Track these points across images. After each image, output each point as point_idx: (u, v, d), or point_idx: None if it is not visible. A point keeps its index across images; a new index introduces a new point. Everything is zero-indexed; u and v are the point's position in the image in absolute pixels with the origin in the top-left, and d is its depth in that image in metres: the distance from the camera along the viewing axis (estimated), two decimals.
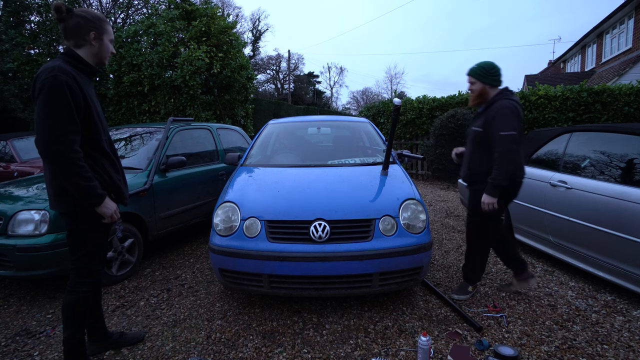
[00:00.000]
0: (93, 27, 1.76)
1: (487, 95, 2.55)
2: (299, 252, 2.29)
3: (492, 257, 3.63)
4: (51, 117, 1.58)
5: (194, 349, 2.20)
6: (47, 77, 1.59)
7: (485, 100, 2.57)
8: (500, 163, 2.36)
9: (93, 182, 1.70)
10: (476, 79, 2.54)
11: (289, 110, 23.70)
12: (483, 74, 2.52)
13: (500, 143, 2.34)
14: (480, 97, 2.58)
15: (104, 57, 1.85)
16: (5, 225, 2.73)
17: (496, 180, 2.37)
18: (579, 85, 7.33)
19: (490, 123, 2.41)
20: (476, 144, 2.56)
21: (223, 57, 8.45)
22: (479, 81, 2.53)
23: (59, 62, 1.67)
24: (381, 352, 2.12)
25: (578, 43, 17.55)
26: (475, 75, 2.54)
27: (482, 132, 2.48)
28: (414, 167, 8.98)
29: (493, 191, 2.40)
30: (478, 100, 2.60)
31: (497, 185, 2.38)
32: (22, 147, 6.35)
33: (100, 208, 1.75)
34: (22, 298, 2.94)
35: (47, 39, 9.35)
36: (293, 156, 3.64)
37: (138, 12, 13.65)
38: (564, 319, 2.47)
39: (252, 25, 36.92)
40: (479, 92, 2.56)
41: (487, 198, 2.42)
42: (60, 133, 1.59)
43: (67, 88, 1.61)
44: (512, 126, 2.33)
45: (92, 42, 1.77)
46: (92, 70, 1.82)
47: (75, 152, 1.64)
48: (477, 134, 2.54)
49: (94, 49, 1.79)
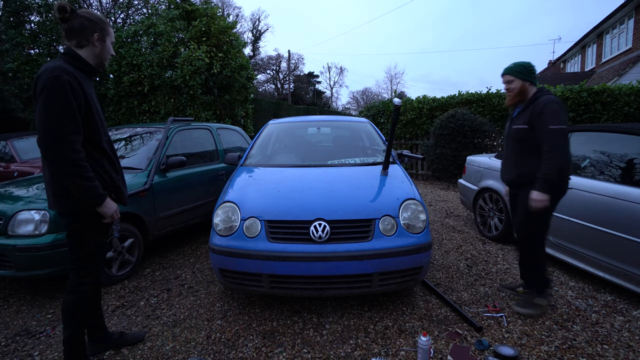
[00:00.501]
0: (97, 28, 1.78)
1: (526, 93, 2.47)
2: (299, 252, 2.29)
3: (492, 256, 3.63)
4: (52, 117, 1.59)
5: (194, 349, 2.20)
6: (49, 77, 1.59)
7: (525, 99, 2.48)
8: (550, 157, 2.26)
9: (94, 182, 1.70)
10: (515, 76, 2.46)
11: (289, 110, 23.70)
12: (523, 71, 2.45)
13: (551, 137, 2.25)
14: (520, 96, 2.48)
15: (105, 58, 1.86)
16: (5, 225, 2.73)
17: (548, 175, 2.25)
18: (579, 85, 7.33)
19: (538, 118, 2.31)
20: (521, 142, 2.46)
21: (223, 57, 8.45)
22: (519, 79, 2.45)
23: (60, 62, 1.68)
24: (381, 352, 2.12)
25: (578, 43, 17.55)
26: (515, 73, 2.46)
27: (527, 129, 2.38)
28: (414, 167, 8.98)
29: (545, 187, 2.27)
30: (517, 99, 2.50)
31: (548, 180, 2.26)
32: (22, 147, 6.35)
33: (101, 208, 1.76)
34: (22, 298, 2.94)
35: (47, 39, 9.35)
36: (293, 156, 3.64)
37: (138, 12, 13.65)
38: (564, 319, 2.47)
39: (252, 25, 36.96)
40: (518, 90, 2.47)
41: (539, 195, 2.28)
42: (61, 133, 1.60)
43: (69, 88, 1.61)
44: (562, 120, 2.26)
45: (95, 43, 1.79)
46: (92, 70, 1.82)
47: (77, 152, 1.64)
48: (522, 132, 2.43)
49: (97, 50, 1.80)
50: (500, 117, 7.69)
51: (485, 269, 3.34)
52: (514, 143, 2.52)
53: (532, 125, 2.36)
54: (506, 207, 3.86)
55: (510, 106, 2.58)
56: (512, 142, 2.55)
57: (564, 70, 21.70)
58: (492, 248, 3.89)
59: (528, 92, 2.48)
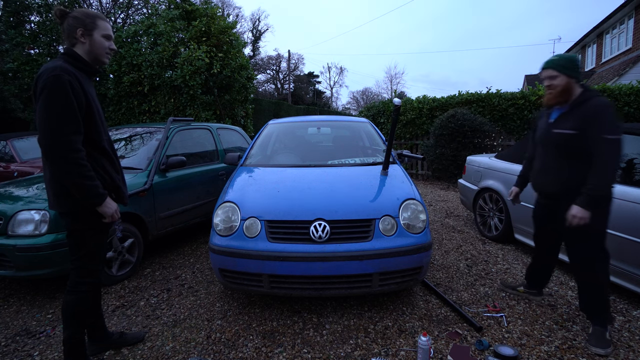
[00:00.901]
0: (80, 24, 1.75)
1: (571, 92, 2.14)
2: (299, 252, 2.29)
3: (492, 256, 3.63)
4: (53, 116, 1.59)
5: (194, 349, 2.20)
6: (49, 77, 1.59)
7: (569, 99, 2.15)
8: (602, 171, 1.97)
9: (95, 181, 1.70)
10: (560, 71, 2.11)
11: (289, 110, 23.70)
12: (569, 66, 2.11)
13: (606, 148, 1.97)
14: (563, 95, 2.14)
15: (98, 53, 1.80)
16: (5, 225, 2.73)
17: (597, 191, 1.98)
18: None
19: (591, 124, 2.01)
20: (566, 149, 2.14)
21: (223, 57, 8.45)
22: (564, 74, 2.11)
23: (60, 61, 1.68)
24: (381, 352, 2.12)
25: (578, 43, 17.55)
26: (559, 67, 2.11)
27: (576, 135, 2.07)
28: (414, 167, 8.98)
29: (590, 203, 1.99)
30: (561, 98, 2.16)
31: (596, 196, 1.99)
32: (22, 147, 6.35)
33: (101, 208, 1.75)
34: (22, 298, 2.94)
35: (47, 39, 9.35)
36: (293, 156, 3.64)
37: (138, 12, 13.64)
38: (564, 319, 2.47)
39: (252, 25, 36.96)
40: (563, 87, 2.12)
41: (580, 211, 2.00)
42: (61, 133, 1.60)
43: (69, 87, 1.61)
44: (618, 129, 1.99)
45: (81, 39, 1.76)
46: (91, 69, 1.81)
47: (77, 152, 1.64)
48: (568, 138, 2.11)
49: (85, 47, 1.77)
50: (500, 117, 7.69)
51: (485, 269, 3.34)
52: (557, 150, 2.19)
53: (582, 131, 2.05)
54: (506, 207, 3.86)
55: (549, 106, 2.24)
56: (553, 148, 2.21)
57: None
58: (492, 248, 3.88)
59: (573, 91, 2.14)
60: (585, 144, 2.05)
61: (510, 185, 3.82)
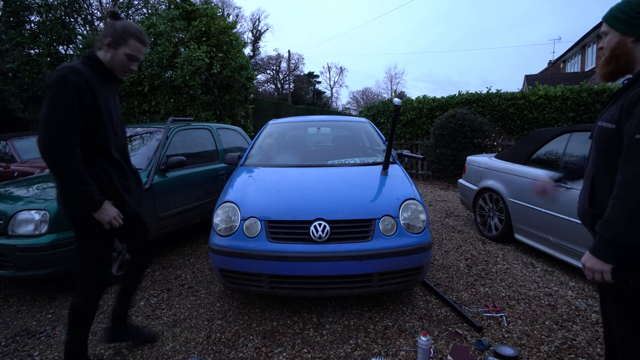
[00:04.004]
0: (112, 34, 1.76)
1: (630, 56, 1.28)
2: (299, 252, 2.29)
3: (492, 256, 3.63)
4: (53, 115, 1.59)
5: (194, 349, 2.20)
6: (57, 76, 1.61)
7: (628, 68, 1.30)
8: (624, 193, 1.17)
9: (89, 186, 1.64)
10: (610, 25, 1.31)
11: (289, 110, 23.69)
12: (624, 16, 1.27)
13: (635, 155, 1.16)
14: (614, 62, 1.31)
15: (115, 68, 1.80)
16: (5, 225, 2.73)
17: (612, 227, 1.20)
18: (579, 85, 7.33)
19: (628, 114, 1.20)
20: (606, 151, 1.32)
21: (223, 57, 8.45)
22: (615, 30, 1.29)
23: (77, 62, 1.70)
24: (381, 352, 2.12)
25: (578, 43, 17.57)
26: (610, 19, 1.31)
27: (614, 132, 1.27)
28: (414, 167, 8.98)
29: (605, 248, 1.23)
30: (611, 67, 1.33)
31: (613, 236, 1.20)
32: (22, 147, 6.35)
33: (97, 214, 1.70)
34: (22, 298, 2.94)
35: (47, 39, 9.35)
36: (293, 156, 3.64)
37: (138, 12, 13.65)
38: (564, 319, 2.47)
39: (252, 25, 36.98)
40: (611, 50, 1.31)
41: (592, 261, 1.26)
42: (58, 132, 1.58)
43: (74, 88, 1.61)
44: None
45: (105, 47, 1.77)
46: (108, 74, 1.80)
47: (72, 153, 1.61)
48: (605, 134, 1.31)
49: (107, 56, 1.78)
50: (500, 117, 7.69)
51: (485, 269, 3.34)
52: (597, 152, 1.39)
53: (619, 125, 1.25)
54: (506, 207, 3.86)
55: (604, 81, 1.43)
56: (594, 150, 1.42)
57: (564, 70, 21.71)
58: (492, 248, 3.89)
59: (633, 55, 1.27)
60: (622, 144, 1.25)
61: (510, 185, 3.83)
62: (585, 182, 1.44)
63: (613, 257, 1.22)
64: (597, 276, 1.26)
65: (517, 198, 3.69)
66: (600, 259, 1.23)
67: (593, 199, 1.36)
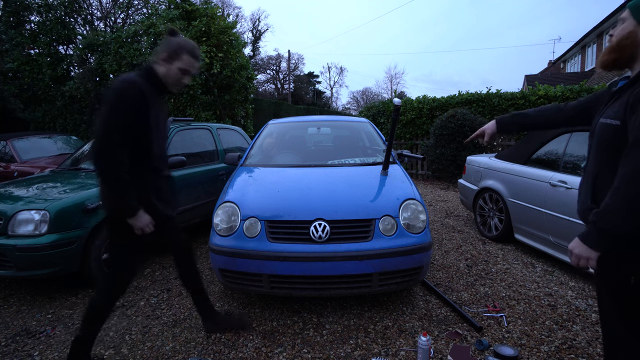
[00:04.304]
0: (167, 50, 1.84)
1: (637, 49, 1.26)
2: (299, 252, 2.29)
3: (492, 256, 3.63)
4: (109, 124, 1.67)
5: (194, 349, 2.20)
6: (118, 87, 1.70)
7: (630, 61, 1.30)
8: (623, 187, 1.17)
9: (128, 194, 1.73)
10: (631, 13, 1.25)
11: (289, 110, 23.69)
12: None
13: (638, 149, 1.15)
14: (619, 50, 1.29)
15: (168, 82, 1.87)
16: (5, 225, 2.73)
17: (607, 216, 1.20)
18: (579, 85, 7.33)
19: (634, 109, 1.20)
20: (610, 149, 1.30)
21: (223, 57, 8.46)
22: (634, 18, 1.24)
23: (135, 75, 1.79)
24: (381, 352, 2.12)
25: (578, 43, 17.57)
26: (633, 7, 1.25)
27: (620, 128, 1.25)
28: (414, 167, 8.98)
29: (595, 236, 1.24)
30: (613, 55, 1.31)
31: (606, 225, 1.20)
32: (22, 147, 6.34)
33: (132, 220, 1.77)
34: (22, 298, 2.94)
35: (47, 39, 9.35)
36: (293, 156, 3.64)
37: (138, 12, 13.64)
38: (564, 319, 2.47)
39: (252, 25, 36.95)
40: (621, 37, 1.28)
41: (580, 247, 1.27)
42: (109, 140, 1.66)
43: (132, 100, 1.70)
44: None
45: (161, 62, 1.85)
46: (162, 87, 1.88)
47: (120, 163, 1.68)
48: (609, 131, 1.29)
49: (162, 70, 1.85)
50: None
51: (485, 269, 3.34)
52: (599, 150, 1.36)
53: (624, 121, 1.24)
54: (506, 207, 3.86)
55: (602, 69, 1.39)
56: (595, 147, 1.39)
57: (564, 70, 21.72)
58: (492, 248, 3.89)
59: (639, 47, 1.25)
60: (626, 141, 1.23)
61: (510, 185, 3.83)
62: (585, 180, 1.43)
63: (601, 245, 1.25)
64: (583, 262, 1.29)
65: (517, 198, 3.69)
66: (589, 246, 1.26)
67: (596, 197, 1.35)
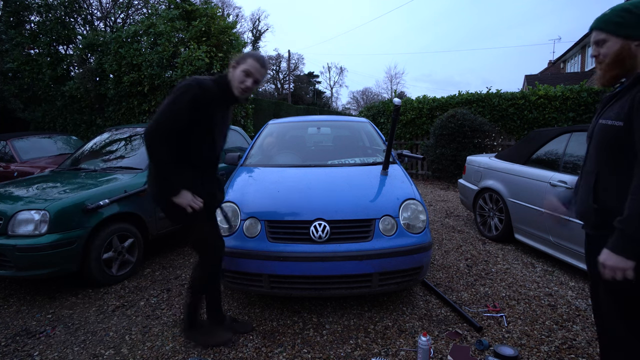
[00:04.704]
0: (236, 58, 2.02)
1: (635, 60, 1.29)
2: (299, 252, 2.29)
3: (492, 256, 3.63)
4: (166, 110, 1.84)
5: (194, 349, 2.20)
6: (185, 83, 1.88)
7: (632, 70, 1.31)
8: None
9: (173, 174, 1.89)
10: (609, 32, 1.32)
11: (289, 110, 23.68)
12: (627, 20, 1.29)
13: None
14: (619, 65, 1.32)
15: (233, 85, 1.99)
16: (5, 225, 2.73)
17: (633, 222, 1.18)
18: (579, 85, 7.34)
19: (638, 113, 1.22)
20: (611, 150, 1.34)
21: (223, 57, 8.45)
22: (615, 36, 1.30)
23: (208, 79, 1.97)
24: (381, 352, 2.12)
25: (578, 43, 17.57)
26: (609, 25, 1.32)
27: (622, 129, 1.28)
28: (414, 167, 8.98)
29: (627, 245, 1.20)
30: (615, 72, 1.34)
31: (635, 235, 1.18)
32: (22, 147, 6.34)
33: (176, 198, 1.91)
34: (22, 298, 2.94)
35: (47, 39, 9.35)
36: (293, 156, 3.64)
37: (138, 12, 13.64)
38: (564, 319, 2.47)
39: (252, 25, 37.02)
40: (614, 55, 1.32)
41: (613, 259, 1.22)
42: (164, 125, 1.83)
43: (192, 97, 1.86)
44: None
45: (231, 68, 2.02)
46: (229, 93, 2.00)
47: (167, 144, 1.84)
48: (612, 132, 1.32)
49: (230, 75, 2.01)
50: (500, 117, 7.68)
51: (485, 269, 3.34)
52: (599, 150, 1.39)
53: (629, 123, 1.26)
54: (506, 207, 3.86)
55: (604, 86, 1.43)
56: (595, 147, 1.41)
57: (564, 70, 21.72)
58: (492, 248, 3.89)
59: (636, 57, 1.29)
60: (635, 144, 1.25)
61: (510, 185, 3.83)
62: (585, 180, 1.44)
63: (636, 252, 1.18)
64: (619, 274, 1.22)
65: (517, 198, 3.69)
66: (623, 257, 1.19)
67: (597, 196, 1.36)
